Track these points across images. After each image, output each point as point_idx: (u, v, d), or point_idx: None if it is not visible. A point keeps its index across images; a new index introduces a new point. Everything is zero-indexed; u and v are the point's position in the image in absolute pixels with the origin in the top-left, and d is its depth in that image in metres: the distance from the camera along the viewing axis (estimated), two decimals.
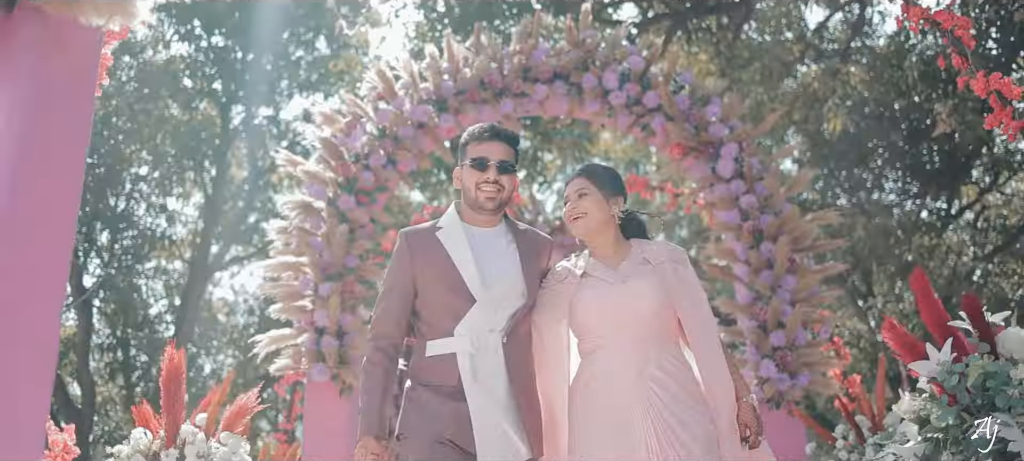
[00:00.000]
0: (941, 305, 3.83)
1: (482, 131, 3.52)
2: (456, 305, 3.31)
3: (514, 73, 7.15)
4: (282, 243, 6.90)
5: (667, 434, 3.15)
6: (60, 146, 2.40)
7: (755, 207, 6.86)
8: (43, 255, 2.37)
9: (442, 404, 3.23)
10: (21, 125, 2.29)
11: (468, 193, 3.49)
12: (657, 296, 3.35)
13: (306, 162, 7.07)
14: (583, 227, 3.48)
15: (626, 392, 3.23)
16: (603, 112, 7.27)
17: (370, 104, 7.17)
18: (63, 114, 2.41)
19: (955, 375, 3.49)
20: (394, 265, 3.45)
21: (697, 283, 3.48)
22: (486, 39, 7.36)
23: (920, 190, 15.59)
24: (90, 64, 2.53)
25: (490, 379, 3.26)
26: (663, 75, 7.21)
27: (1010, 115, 5.21)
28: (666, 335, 3.37)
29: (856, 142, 14.19)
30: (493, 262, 3.41)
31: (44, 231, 2.29)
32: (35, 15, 2.33)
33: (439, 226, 3.50)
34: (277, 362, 6.73)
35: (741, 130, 7.12)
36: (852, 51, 14.78)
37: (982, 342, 3.58)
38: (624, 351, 3.30)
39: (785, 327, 6.59)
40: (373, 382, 3.29)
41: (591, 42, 7.22)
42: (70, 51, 2.44)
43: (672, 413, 3.19)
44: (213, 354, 22.93)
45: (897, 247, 15.86)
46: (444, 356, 3.29)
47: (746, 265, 6.84)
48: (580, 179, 3.54)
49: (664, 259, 3.46)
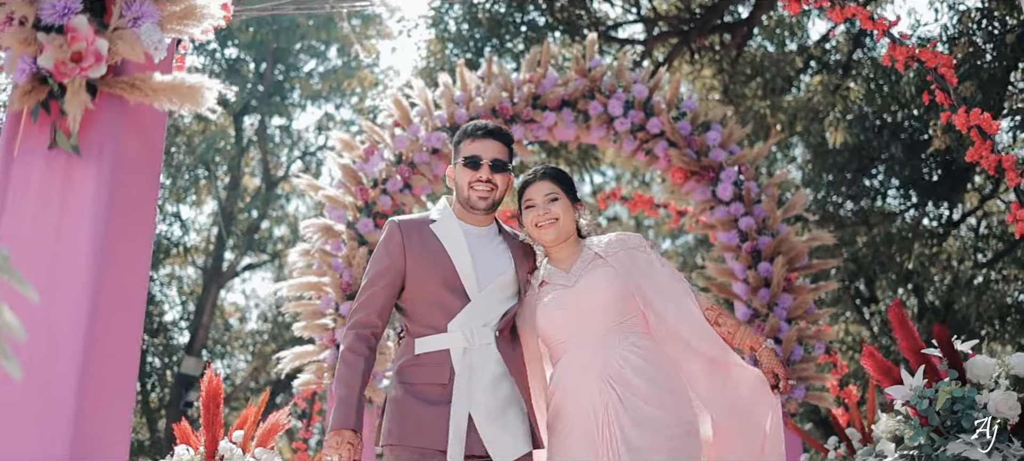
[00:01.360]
0: (916, 333, 4.17)
1: (475, 129, 3.43)
2: (450, 301, 3.23)
3: (524, 101, 7.52)
4: (304, 264, 7.27)
5: (624, 443, 3.06)
6: (136, 209, 2.78)
7: (753, 228, 7.22)
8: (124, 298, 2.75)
9: (428, 411, 3.12)
10: (108, 195, 2.65)
11: (461, 192, 3.41)
12: (610, 289, 3.27)
13: (326, 187, 7.45)
14: (555, 234, 3.39)
15: (588, 397, 3.16)
16: (609, 138, 7.63)
17: (387, 131, 7.54)
18: (137, 182, 2.79)
19: (925, 399, 3.85)
20: (383, 253, 3.32)
21: (659, 263, 3.38)
22: (497, 68, 7.72)
23: (920, 200, 15.90)
24: (159, 137, 2.92)
25: (485, 374, 3.18)
26: (665, 102, 7.57)
27: (989, 148, 5.56)
28: (629, 325, 3.29)
29: (857, 153, 14.51)
30: (488, 261, 3.34)
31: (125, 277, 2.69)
32: (115, 101, 2.72)
33: (433, 218, 3.40)
34: (300, 377, 7.12)
35: (740, 154, 7.47)
36: (853, 63, 15.12)
37: (951, 368, 3.94)
38: (583, 354, 3.23)
39: (781, 343, 6.95)
40: (354, 373, 3.17)
41: (597, 71, 7.59)
42: (144, 129, 2.83)
43: (631, 417, 3.09)
44: (227, 358, 23.32)
45: (899, 254, 16.17)
46: (435, 353, 3.21)
47: (745, 284, 7.19)
48: (547, 183, 3.44)
49: (616, 249, 3.39)
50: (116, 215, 2.67)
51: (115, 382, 2.66)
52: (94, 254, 2.59)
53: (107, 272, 2.63)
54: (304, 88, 20.13)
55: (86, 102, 2.56)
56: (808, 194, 16.09)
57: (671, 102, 7.59)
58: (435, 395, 3.16)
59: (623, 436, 3.07)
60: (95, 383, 2.54)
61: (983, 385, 3.89)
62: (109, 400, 2.63)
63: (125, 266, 2.71)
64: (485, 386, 3.17)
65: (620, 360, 3.19)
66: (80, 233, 2.60)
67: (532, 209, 3.41)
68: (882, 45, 16.04)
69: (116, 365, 2.67)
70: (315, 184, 7.56)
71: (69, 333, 2.50)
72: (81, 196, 2.63)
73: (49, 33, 2.63)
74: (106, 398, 2.62)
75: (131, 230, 2.74)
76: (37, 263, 2.56)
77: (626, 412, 3.10)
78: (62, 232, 2.60)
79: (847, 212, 16.06)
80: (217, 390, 4.70)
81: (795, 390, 6.90)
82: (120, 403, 2.68)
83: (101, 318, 2.59)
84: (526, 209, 3.44)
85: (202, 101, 2.69)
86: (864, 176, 15.45)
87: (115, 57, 2.67)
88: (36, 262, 2.56)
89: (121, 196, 2.70)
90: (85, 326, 2.53)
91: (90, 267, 2.58)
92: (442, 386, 3.17)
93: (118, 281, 2.68)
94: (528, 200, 3.44)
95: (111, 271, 2.64)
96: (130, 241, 2.74)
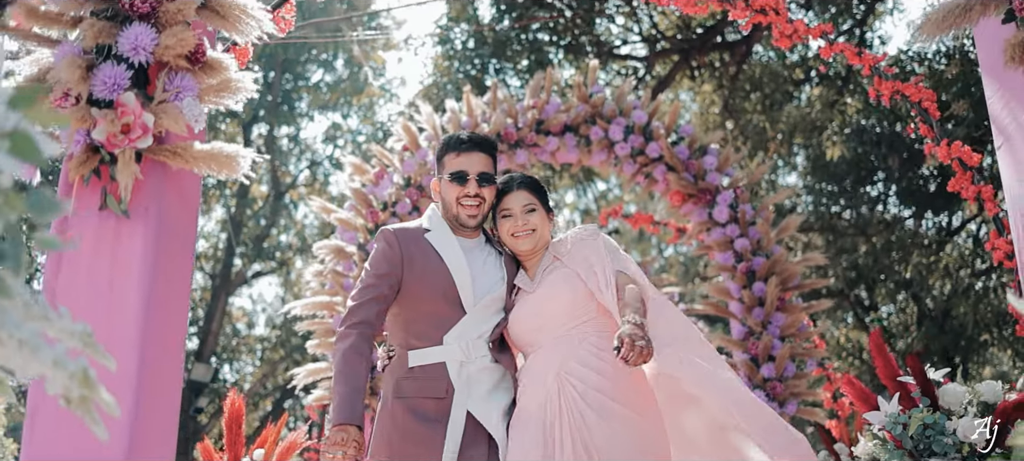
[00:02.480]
0: (893, 361, 4.47)
1: (458, 142, 3.35)
2: (446, 314, 3.20)
3: (528, 126, 7.83)
4: (317, 284, 7.59)
5: (581, 434, 3.03)
6: (177, 261, 3.09)
7: (748, 250, 7.52)
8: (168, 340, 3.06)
9: (423, 428, 3.09)
10: (154, 251, 2.96)
11: (449, 208, 3.34)
12: (567, 289, 3.25)
13: (339, 210, 7.76)
14: (531, 244, 3.36)
15: (544, 391, 3.14)
16: (609, 161, 7.94)
17: (396, 155, 7.85)
18: (178, 237, 3.10)
19: (900, 425, 4.14)
20: (380, 259, 3.25)
21: (602, 249, 3.30)
22: (502, 94, 8.03)
23: (919, 209, 16.16)
24: (196, 196, 3.23)
25: (482, 388, 3.16)
26: (664, 127, 7.87)
27: (969, 180, 5.85)
28: (591, 325, 3.25)
29: (855, 166, 14.79)
30: (482, 273, 3.30)
31: (169, 321, 3.01)
32: (158, 166, 3.03)
33: (427, 228, 3.34)
34: (313, 393, 7.44)
35: (735, 177, 7.77)
36: (853, 74, 15.40)
37: (924, 396, 4.23)
38: (544, 356, 3.22)
39: (775, 360, 7.25)
40: (355, 369, 3.11)
41: (598, 98, 7.89)
42: (183, 191, 3.15)
43: (593, 408, 3.06)
44: (235, 363, 23.65)
45: (898, 263, 16.44)
46: (430, 366, 3.17)
47: (740, 303, 7.49)
48: (525, 193, 3.39)
49: (570, 247, 3.36)
50: (161, 268, 2.98)
51: (160, 418, 2.98)
52: (142, 304, 2.90)
53: (153, 318, 2.94)
54: (312, 98, 20.47)
55: (136, 173, 2.88)
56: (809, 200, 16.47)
57: (669, 127, 7.89)
58: (432, 411, 3.11)
59: (584, 423, 3.04)
60: (143, 424, 2.86)
61: (954, 412, 4.19)
62: (155, 435, 2.95)
63: (169, 310, 3.03)
64: (483, 397, 3.16)
65: (576, 360, 3.16)
66: (129, 285, 2.92)
67: (509, 219, 3.36)
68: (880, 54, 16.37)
69: (161, 400, 2.99)
70: (328, 207, 7.87)
71: (122, 378, 2.81)
72: (130, 252, 2.94)
73: (101, 108, 2.94)
74: (152, 435, 2.93)
75: (173, 279, 3.06)
76: (92, 313, 2.87)
77: (587, 405, 3.07)
78: (115, 284, 2.92)
79: (847, 221, 16.34)
80: (239, 412, 5.01)
81: (787, 405, 7.19)
82: (164, 440, 2.99)
83: (149, 359, 2.91)
84: (502, 218, 3.38)
85: (238, 168, 3.00)
86: (863, 186, 15.73)
87: (159, 128, 2.98)
88: (92, 313, 2.87)
89: (165, 251, 3.02)
90: (136, 369, 2.85)
91: (139, 315, 2.89)
92: (439, 400, 3.12)
93: (162, 325, 3.00)
94: (505, 209, 3.38)
95: (157, 317, 2.96)
96: (172, 289, 3.06)
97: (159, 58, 3.05)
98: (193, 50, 3.05)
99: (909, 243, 16.24)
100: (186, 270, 3.15)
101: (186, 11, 3.04)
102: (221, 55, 3.19)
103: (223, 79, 3.11)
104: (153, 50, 3.02)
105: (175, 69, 3.08)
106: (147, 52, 3.00)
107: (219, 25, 3.20)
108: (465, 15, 12.50)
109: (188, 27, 3.06)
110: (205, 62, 3.12)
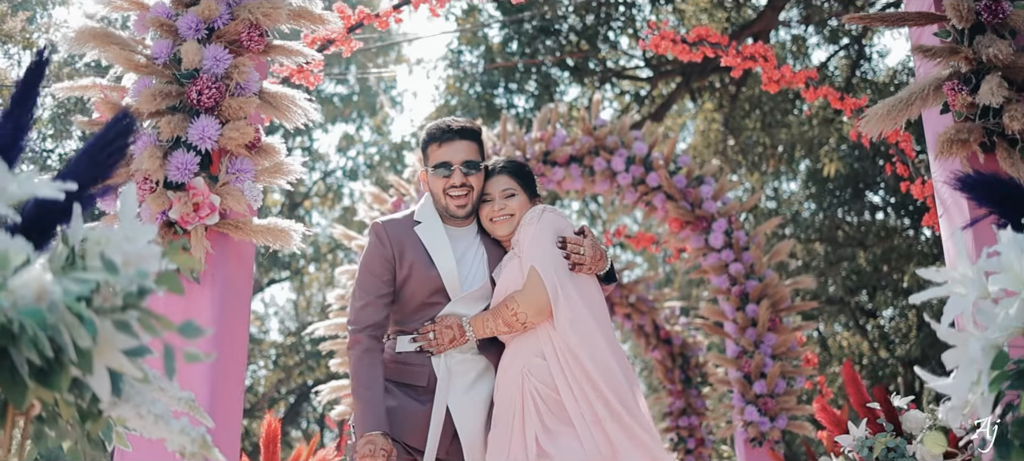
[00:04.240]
0: (864, 390, 4.98)
1: (441, 132, 3.30)
2: (431, 304, 3.25)
3: (535, 158, 8.36)
4: (338, 306, 8.13)
5: (545, 434, 3.03)
6: (236, 319, 3.64)
7: (742, 274, 8.04)
8: (229, 394, 3.61)
9: (410, 405, 3.15)
10: (219, 311, 3.52)
11: (437, 200, 3.34)
12: (518, 280, 3.21)
13: (359, 236, 8.31)
14: (508, 229, 3.33)
15: (507, 389, 3.16)
16: (612, 190, 8.47)
17: (413, 186, 8.39)
18: (238, 299, 3.65)
19: (866, 447, 4.67)
20: (374, 258, 3.27)
21: (529, 239, 3.22)
22: (511, 127, 8.57)
23: (915, 220, 16.64)
24: (251, 260, 3.77)
25: (466, 376, 3.22)
26: (663, 158, 8.39)
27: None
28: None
29: (852, 180, 15.28)
30: (470, 266, 3.31)
31: (230, 373, 3.56)
32: (222, 238, 3.58)
33: (417, 220, 3.34)
34: (336, 408, 7.98)
35: (730, 206, 8.29)
36: (852, 85, 15.89)
37: (888, 422, 4.75)
38: (511, 350, 3.23)
39: (767, 377, 7.77)
40: (374, 374, 3.11)
41: (602, 131, 8.42)
42: (242, 258, 3.68)
43: (550, 410, 3.06)
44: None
45: (895, 272, 16.93)
46: (414, 354, 3.23)
47: (734, 324, 8.01)
48: (505, 177, 3.36)
49: (519, 234, 3.30)
50: (226, 324, 3.52)
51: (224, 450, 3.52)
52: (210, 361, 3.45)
53: (219, 373, 3.48)
54: (326, 109, 21.02)
55: (207, 246, 3.41)
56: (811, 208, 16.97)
57: (668, 158, 8.41)
58: (416, 395, 3.19)
59: (542, 424, 3.05)
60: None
61: (915, 436, 4.71)
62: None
63: (230, 363, 3.57)
64: (464, 389, 3.21)
65: (536, 354, 3.15)
66: (199, 344, 3.46)
67: (489, 203, 3.34)
68: (880, 70, 16.87)
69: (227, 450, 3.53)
70: (349, 234, 8.41)
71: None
72: (199, 313, 3.48)
73: (175, 190, 3.49)
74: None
75: (235, 335, 3.61)
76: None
77: (545, 405, 3.07)
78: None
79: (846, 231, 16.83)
80: (275, 433, 5.55)
81: (778, 419, 7.71)
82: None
83: (218, 412, 3.45)
84: (483, 203, 3.36)
85: (292, 241, 3.54)
86: (861, 198, 16.22)
87: (224, 207, 3.52)
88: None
89: (228, 310, 3.56)
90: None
91: (208, 371, 3.43)
92: (421, 388, 3.19)
93: (225, 379, 3.54)
94: (485, 194, 3.35)
95: (221, 371, 3.50)
96: (235, 343, 3.60)
97: (222, 146, 3.59)
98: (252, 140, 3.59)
99: (907, 252, 16.72)
100: (244, 326, 3.69)
101: (246, 107, 3.58)
102: (273, 140, 3.73)
103: (276, 163, 3.65)
104: (218, 139, 3.56)
105: (235, 154, 3.61)
106: (213, 141, 3.54)
107: (272, 114, 3.74)
108: (475, 41, 13.04)
109: (246, 120, 3.60)
110: (260, 147, 3.66)
